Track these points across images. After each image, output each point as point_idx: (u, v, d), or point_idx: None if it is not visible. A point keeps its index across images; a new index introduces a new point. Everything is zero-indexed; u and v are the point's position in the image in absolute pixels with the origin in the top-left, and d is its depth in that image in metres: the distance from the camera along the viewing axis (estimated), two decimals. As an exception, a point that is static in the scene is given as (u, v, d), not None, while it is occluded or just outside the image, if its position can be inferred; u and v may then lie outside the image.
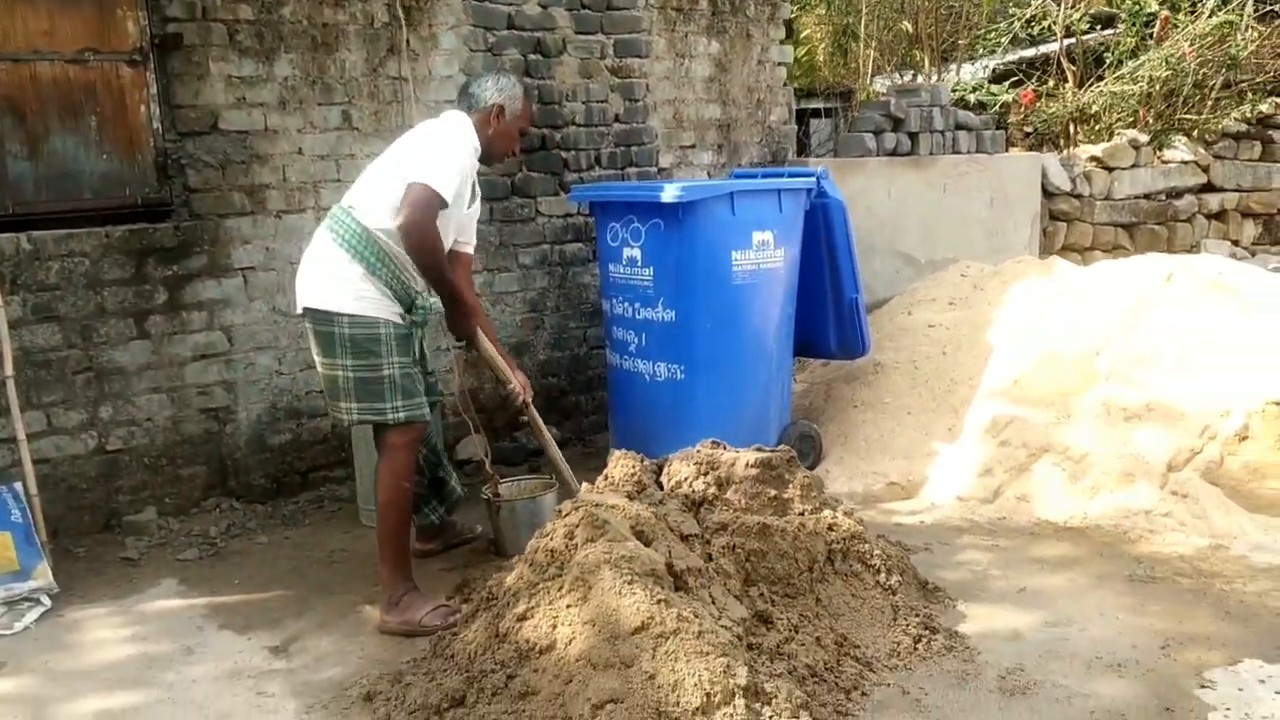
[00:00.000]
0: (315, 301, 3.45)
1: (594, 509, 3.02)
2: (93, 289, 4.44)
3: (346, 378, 3.42)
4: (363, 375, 3.42)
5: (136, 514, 4.55)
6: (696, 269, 4.59)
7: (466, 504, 4.74)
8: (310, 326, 3.50)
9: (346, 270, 3.42)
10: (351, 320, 3.40)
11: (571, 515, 3.04)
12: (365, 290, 3.42)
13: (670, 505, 3.21)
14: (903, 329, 5.55)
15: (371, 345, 3.40)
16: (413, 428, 3.49)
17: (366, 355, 3.41)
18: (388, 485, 3.47)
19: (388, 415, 3.43)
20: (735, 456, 3.44)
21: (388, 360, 3.42)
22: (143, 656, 3.39)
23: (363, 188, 3.54)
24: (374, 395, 3.43)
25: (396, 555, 3.51)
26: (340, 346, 3.40)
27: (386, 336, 3.42)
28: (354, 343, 3.40)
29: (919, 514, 4.46)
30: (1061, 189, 7.80)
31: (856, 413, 5.23)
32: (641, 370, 4.80)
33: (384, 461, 3.49)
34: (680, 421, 4.72)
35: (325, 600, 3.80)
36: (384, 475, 3.48)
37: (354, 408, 3.45)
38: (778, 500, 3.38)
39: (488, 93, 3.67)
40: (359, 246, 3.42)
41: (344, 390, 3.44)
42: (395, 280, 3.46)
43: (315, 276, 3.49)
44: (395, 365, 3.43)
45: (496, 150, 3.75)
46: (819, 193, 4.99)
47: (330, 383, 3.49)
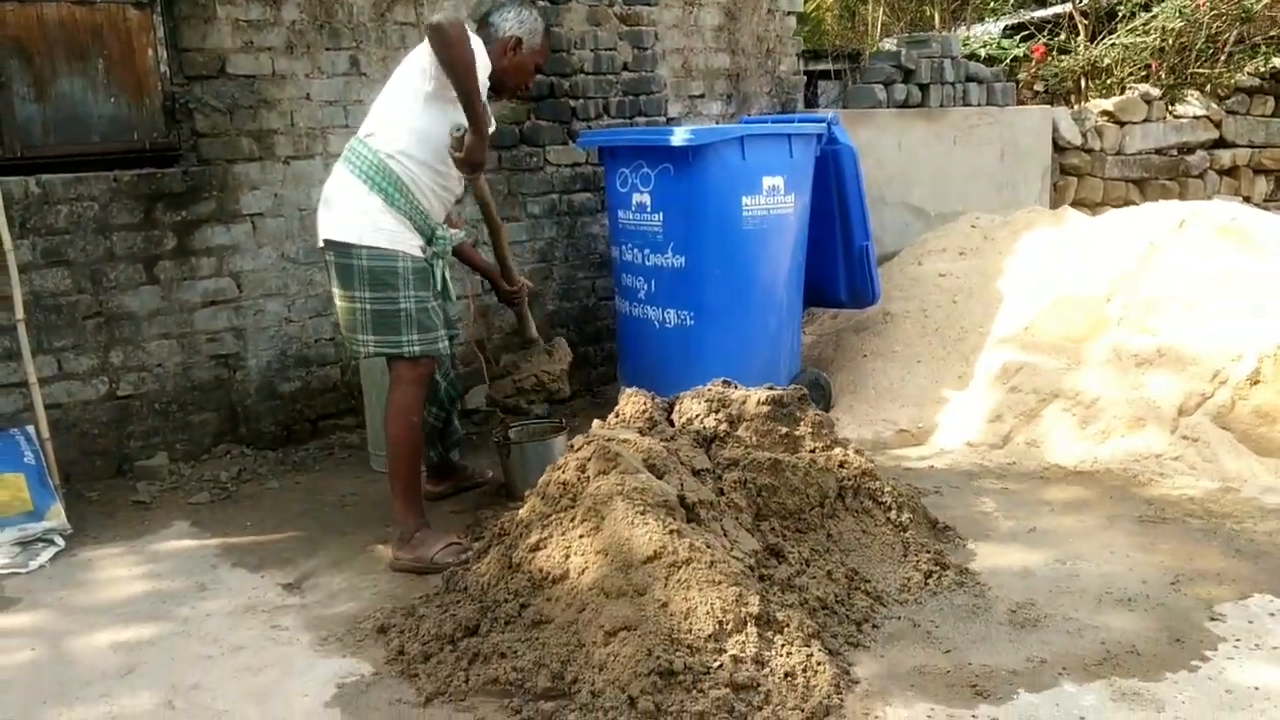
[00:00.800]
0: (335, 233, 3.45)
1: (606, 442, 3.02)
2: (102, 233, 4.44)
3: (364, 310, 3.42)
4: (380, 308, 3.42)
5: (148, 459, 4.56)
6: (706, 214, 4.57)
7: (476, 450, 4.77)
8: (330, 259, 3.50)
9: (365, 202, 3.41)
10: (370, 252, 3.39)
11: (584, 449, 3.05)
12: (384, 222, 3.41)
13: (682, 441, 3.21)
14: (913, 279, 5.53)
15: (389, 278, 3.40)
16: (424, 363, 3.49)
17: (384, 288, 3.41)
18: (395, 419, 3.49)
19: (403, 348, 3.44)
20: (746, 394, 3.43)
21: (404, 294, 3.42)
22: (156, 593, 3.41)
23: (375, 114, 3.53)
24: (390, 328, 3.43)
25: (407, 490, 3.52)
26: (359, 279, 3.40)
27: (404, 270, 3.42)
28: (372, 275, 3.40)
29: (929, 459, 4.46)
30: (1072, 143, 7.75)
31: (866, 361, 5.23)
32: (651, 316, 4.80)
33: (392, 395, 3.51)
34: (689, 368, 4.71)
35: (337, 540, 3.82)
36: (392, 410, 3.50)
37: (370, 340, 3.46)
38: (789, 438, 3.38)
39: (508, 23, 3.64)
40: (376, 177, 3.41)
41: (360, 323, 3.45)
42: (415, 210, 3.45)
43: (334, 209, 3.48)
44: (412, 299, 3.43)
45: (509, 81, 3.71)
46: (829, 139, 4.96)
47: (348, 315, 3.50)
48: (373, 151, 3.43)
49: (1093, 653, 2.79)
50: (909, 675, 2.70)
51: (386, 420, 3.50)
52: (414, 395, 3.49)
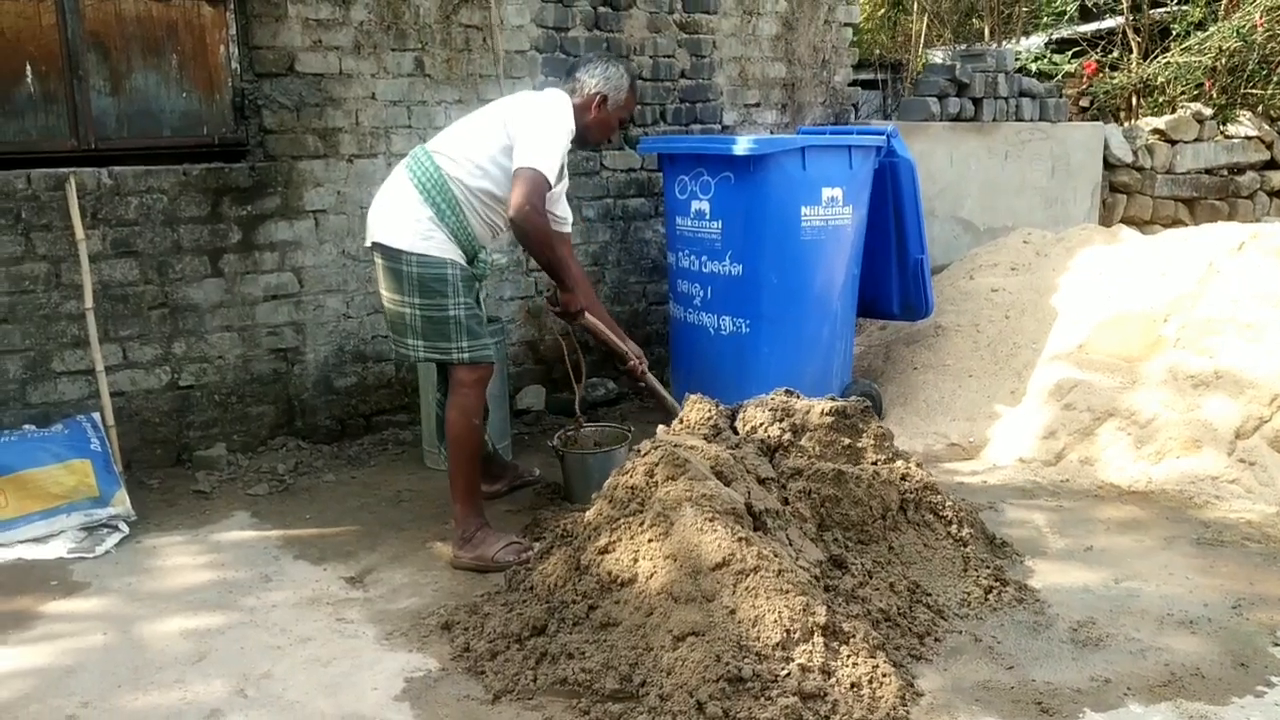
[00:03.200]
0: (384, 238, 3.50)
1: (674, 448, 3.05)
2: (170, 226, 4.51)
3: (414, 315, 3.48)
4: (429, 314, 3.47)
5: (207, 449, 4.63)
6: (765, 223, 4.59)
7: (526, 450, 4.81)
8: (379, 261, 3.56)
9: (416, 211, 3.47)
10: (420, 260, 3.44)
11: (651, 454, 3.08)
12: (433, 232, 3.47)
13: (747, 449, 3.24)
14: (964, 293, 5.54)
15: (438, 285, 3.45)
16: (480, 367, 3.54)
17: (433, 295, 3.45)
18: (456, 422, 3.53)
19: (453, 355, 3.50)
20: (810, 405, 3.46)
21: (454, 300, 3.46)
22: (222, 582, 3.46)
23: (451, 137, 3.60)
24: (440, 334, 3.49)
25: (468, 490, 3.56)
26: (408, 284, 3.46)
27: (453, 277, 3.46)
28: (421, 282, 3.45)
29: (981, 474, 4.47)
30: (1123, 160, 7.72)
31: (917, 374, 5.24)
32: (706, 323, 4.82)
33: (452, 398, 3.56)
34: (743, 375, 4.74)
35: (396, 536, 3.86)
36: (452, 412, 3.54)
37: (420, 345, 3.52)
38: (851, 449, 3.40)
39: (594, 79, 3.71)
40: (432, 190, 3.46)
41: (410, 328, 3.51)
42: (461, 231, 3.50)
43: (386, 213, 3.54)
44: (461, 306, 3.48)
45: (591, 137, 3.82)
46: (888, 151, 4.97)
47: (397, 319, 3.55)
48: (436, 168, 3.50)
49: (1157, 674, 2.79)
50: (973, 690, 2.71)
51: (447, 422, 3.55)
52: (474, 398, 3.54)
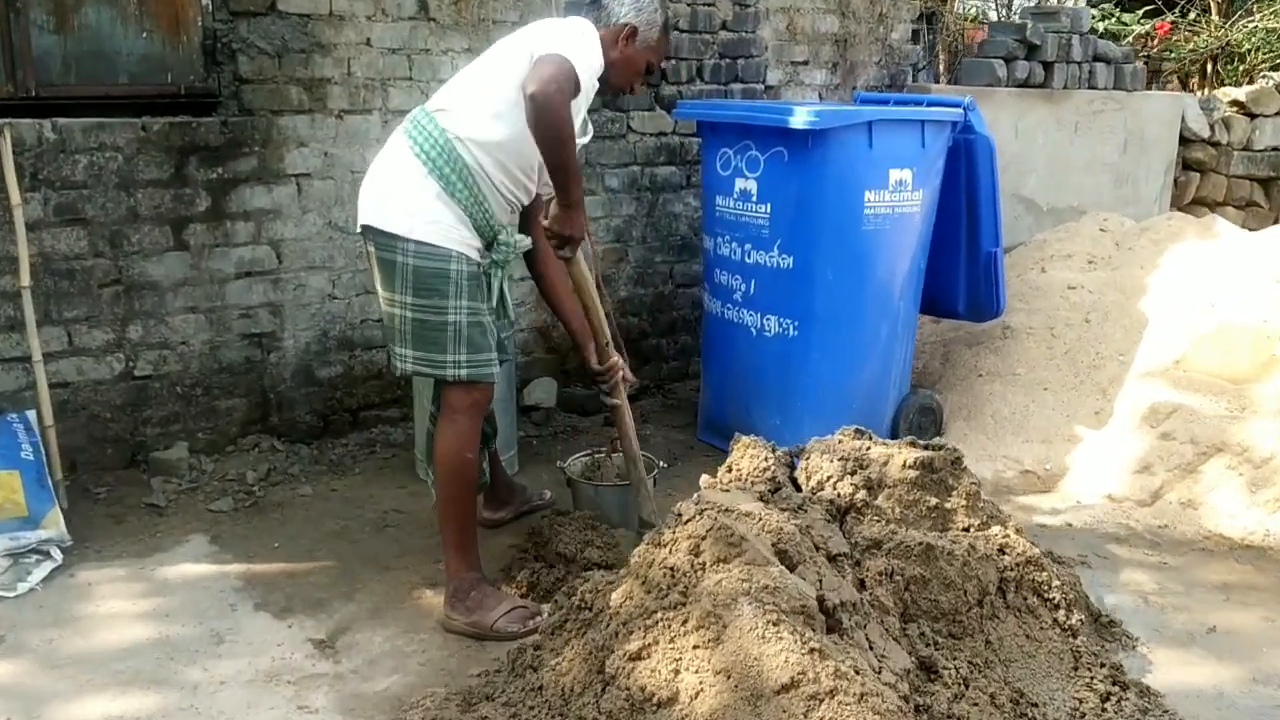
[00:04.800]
0: (378, 220, 2.84)
1: (725, 518, 2.41)
2: (125, 189, 3.84)
3: (404, 317, 2.83)
4: (422, 316, 2.81)
5: (165, 450, 4.00)
6: (823, 209, 3.92)
7: (535, 460, 4.19)
8: (370, 250, 2.90)
9: (419, 187, 2.80)
10: (419, 249, 2.78)
11: (696, 522, 2.43)
12: (439, 214, 2.80)
13: (813, 513, 2.60)
14: (1036, 288, 4.86)
15: (437, 283, 2.79)
16: (477, 388, 2.89)
17: (430, 294, 2.80)
18: (447, 454, 2.90)
19: (446, 369, 2.84)
20: (889, 454, 2.81)
21: (455, 303, 2.80)
22: (164, 642, 2.85)
23: (455, 88, 2.91)
24: (432, 343, 2.83)
25: (461, 538, 2.93)
26: (401, 278, 2.80)
27: (457, 274, 2.80)
28: (417, 276, 2.79)
29: (1062, 513, 3.84)
30: (1198, 135, 7.00)
31: (982, 383, 4.58)
32: (747, 322, 4.17)
33: (442, 424, 2.92)
34: (788, 385, 4.11)
35: (379, 578, 3.25)
36: (443, 441, 2.91)
37: (409, 355, 2.86)
38: (938, 511, 2.77)
39: (624, 7, 3.01)
40: (438, 159, 2.79)
41: (400, 331, 2.86)
42: (477, 207, 2.83)
43: (382, 190, 2.87)
44: (463, 310, 2.82)
45: (615, 79, 3.08)
46: (964, 127, 4.27)
47: (389, 320, 2.91)
48: (440, 130, 2.81)
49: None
50: None
51: (436, 452, 2.91)
52: (468, 426, 2.89)
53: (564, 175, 2.73)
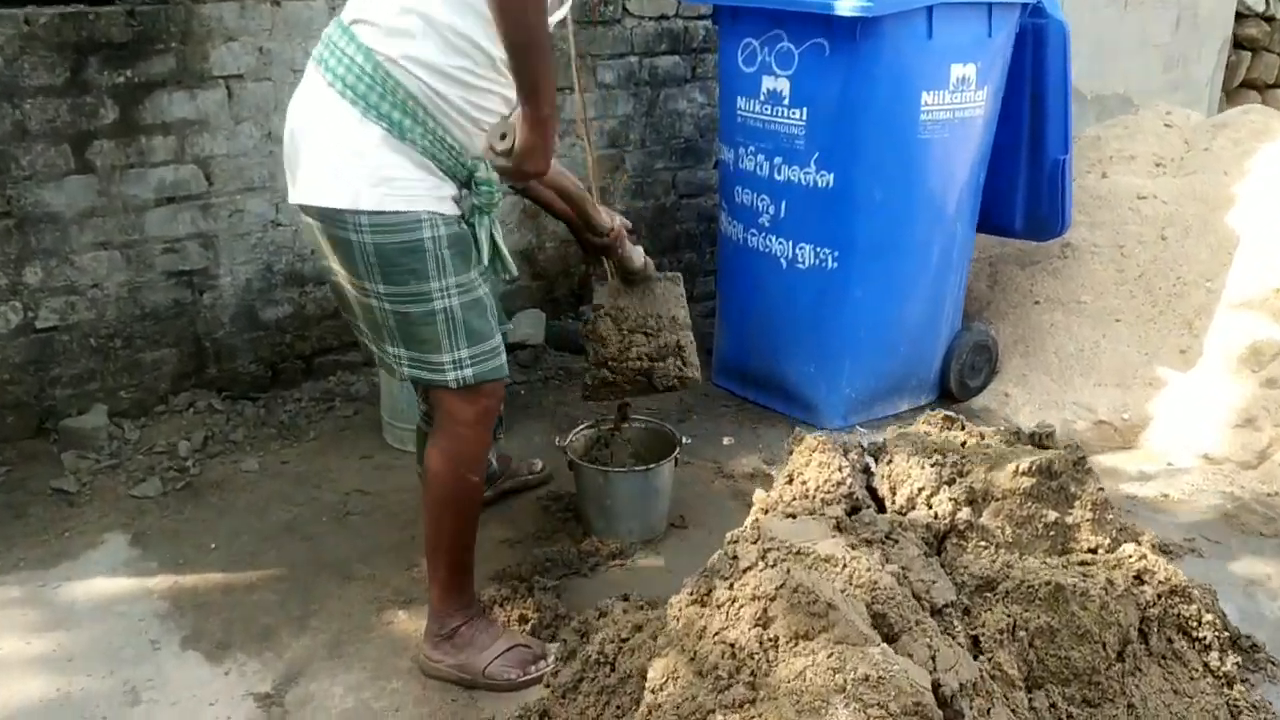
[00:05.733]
0: (312, 194, 2.06)
1: (801, 571, 1.78)
2: (9, 100, 3.08)
3: (383, 310, 2.11)
4: (402, 308, 2.09)
5: (79, 415, 3.32)
6: (871, 115, 3.22)
7: (524, 413, 3.55)
8: (316, 226, 2.12)
9: (356, 136, 2.00)
10: (375, 223, 2.02)
11: (761, 574, 1.80)
12: (390, 167, 2.01)
13: (907, 546, 1.97)
14: (1098, 197, 4.18)
15: (411, 260, 2.05)
16: (485, 391, 2.19)
17: (405, 277, 2.06)
18: (443, 474, 2.22)
19: (446, 373, 2.13)
20: (994, 455, 2.18)
21: (440, 282, 2.07)
22: (60, 705, 2.22)
23: None
24: (422, 341, 2.11)
25: (452, 576, 2.29)
26: (363, 263, 2.06)
27: (433, 245, 2.05)
28: (382, 257, 2.04)
29: (1153, 479, 3.24)
30: (1252, 9, 6.26)
31: (1040, 312, 3.94)
32: (775, 251, 3.49)
33: (440, 438, 2.22)
34: (823, 326, 3.46)
35: (339, 592, 2.62)
36: (437, 460, 2.22)
37: (403, 355, 2.16)
38: (1058, 529, 2.15)
39: None
40: (371, 94, 1.98)
41: (385, 327, 2.14)
42: (438, 146, 2.04)
43: (308, 149, 2.07)
44: (452, 290, 2.09)
45: None
46: (1033, 9, 3.54)
47: (365, 312, 2.17)
48: (364, 51, 1.99)
49: None
50: None
51: (428, 470, 2.24)
52: (473, 441, 2.20)
53: (532, 67, 1.90)
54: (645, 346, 2.75)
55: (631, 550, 2.79)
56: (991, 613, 1.93)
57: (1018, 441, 2.28)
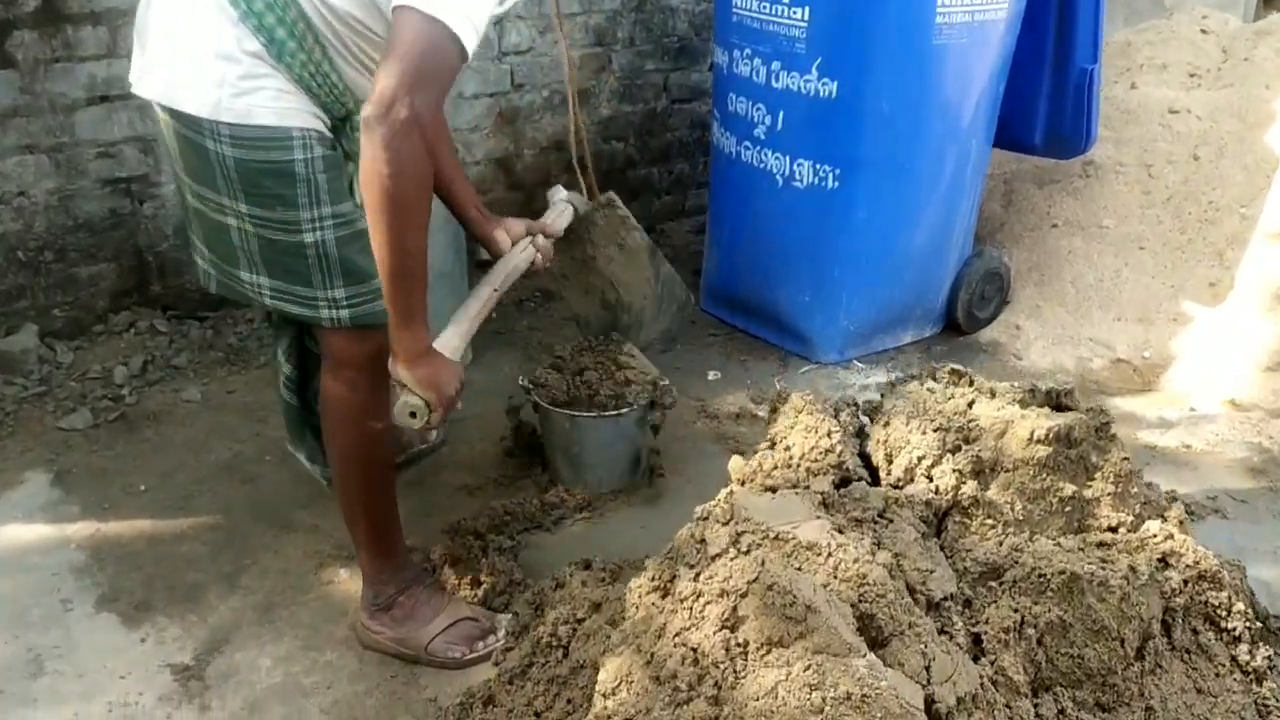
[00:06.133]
0: (167, 93, 1.72)
1: (777, 565, 1.52)
2: (-92, -17, 2.75)
3: (243, 231, 1.79)
4: (268, 234, 1.78)
5: (7, 336, 3.06)
6: (881, 16, 2.88)
7: (492, 346, 3.28)
8: (168, 124, 1.78)
9: (226, 38, 1.66)
10: (237, 135, 1.69)
11: (731, 565, 1.54)
12: (260, 78, 1.68)
13: (903, 528, 1.71)
14: (1126, 111, 3.85)
15: (277, 184, 1.72)
16: (373, 331, 1.84)
17: (270, 201, 1.74)
18: (343, 429, 1.94)
19: (319, 308, 1.82)
20: (1005, 419, 1.91)
21: (312, 212, 1.75)
22: (-43, 674, 2.00)
23: None
24: (292, 271, 1.80)
25: (378, 537, 2.03)
26: (222, 177, 1.73)
27: (307, 166, 1.72)
28: (245, 175, 1.72)
29: (1174, 426, 2.98)
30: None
31: (1058, 237, 3.64)
32: (771, 167, 3.17)
33: (330, 384, 1.92)
34: (823, 250, 3.17)
35: (276, 544, 2.38)
36: (334, 411, 1.94)
37: (264, 284, 1.83)
38: (1076, 503, 1.89)
39: None
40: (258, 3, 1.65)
41: (243, 250, 1.81)
42: (318, 79, 1.72)
43: (168, 35, 1.72)
44: (327, 222, 1.76)
45: None
46: (1065, -109, 3.18)
47: (218, 233, 1.82)
48: None
49: None
50: None
51: (327, 426, 1.97)
52: (368, 386, 1.90)
53: (400, 278, 1.66)
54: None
55: (601, 501, 2.55)
56: (997, 606, 1.68)
57: (1033, 401, 2.00)
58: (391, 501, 2.03)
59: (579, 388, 2.54)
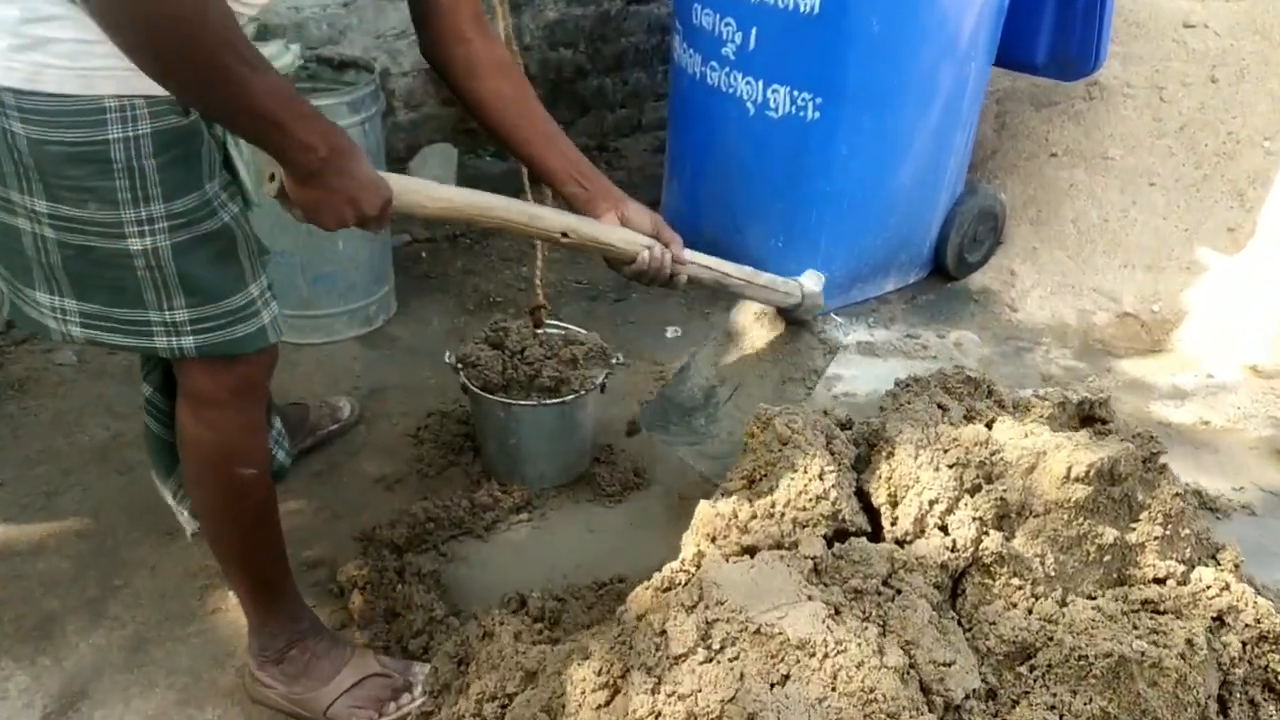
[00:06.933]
0: None
1: (759, 683, 1.17)
2: None
3: (40, 239, 1.30)
4: (79, 239, 1.29)
5: None
6: (874, -82, 2.44)
7: (419, 293, 2.88)
8: None
9: None
10: (26, 106, 1.21)
11: (698, 674, 1.20)
12: (52, 21, 1.19)
13: (910, 595, 1.36)
14: (1135, 24, 3.44)
15: (87, 173, 1.25)
16: (237, 362, 1.44)
17: (79, 196, 1.26)
18: (203, 474, 1.54)
19: (154, 338, 1.38)
20: (1034, 450, 1.55)
21: (139, 211, 1.28)
22: None
23: None
24: (111, 289, 1.34)
25: (257, 590, 1.65)
26: (12, 161, 1.25)
27: (130, 147, 1.25)
28: (42, 159, 1.24)
29: (1190, 397, 2.66)
30: None
31: (1057, 168, 3.26)
32: (741, 93, 2.74)
33: (185, 422, 1.50)
34: (798, 190, 2.78)
35: (155, 556, 2.00)
36: (194, 454, 1.52)
37: (68, 308, 1.36)
38: (1117, 551, 1.55)
39: None
40: None
41: (38, 263, 1.33)
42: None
43: None
44: (160, 222, 1.29)
45: None
46: None
47: (6, 238, 1.32)
48: None
49: None
50: None
51: (187, 470, 1.57)
52: (233, 427, 1.49)
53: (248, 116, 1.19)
54: None
55: (542, 499, 2.18)
56: (1029, 702, 1.35)
57: (1063, 417, 1.65)
58: (274, 551, 1.64)
59: (517, 368, 2.15)
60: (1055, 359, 2.79)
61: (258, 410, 1.49)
